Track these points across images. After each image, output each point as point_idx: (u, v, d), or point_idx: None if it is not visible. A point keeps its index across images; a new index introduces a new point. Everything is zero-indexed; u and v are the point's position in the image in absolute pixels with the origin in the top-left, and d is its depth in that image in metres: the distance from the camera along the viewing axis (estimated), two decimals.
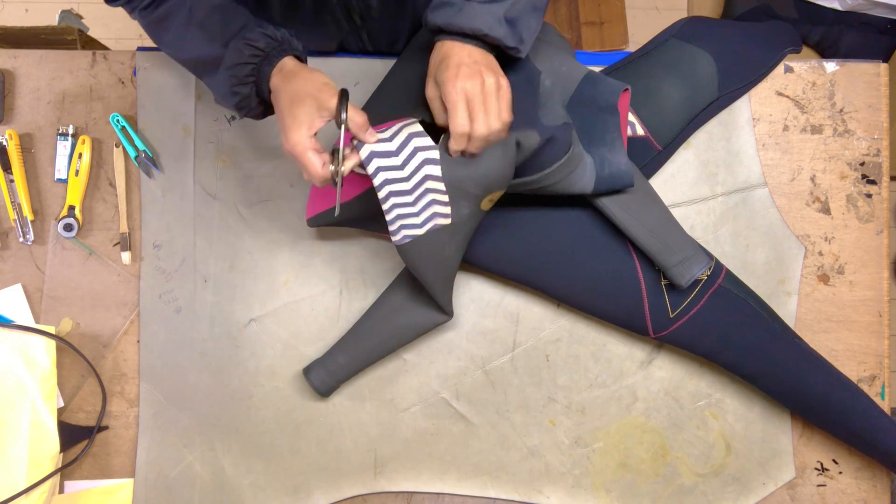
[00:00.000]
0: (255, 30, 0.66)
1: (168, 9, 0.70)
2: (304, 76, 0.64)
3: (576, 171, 0.75)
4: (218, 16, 0.68)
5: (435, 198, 0.69)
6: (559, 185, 0.76)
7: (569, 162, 0.73)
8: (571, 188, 0.76)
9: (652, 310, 0.81)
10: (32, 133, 0.90)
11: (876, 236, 0.90)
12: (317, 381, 0.83)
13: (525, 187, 0.76)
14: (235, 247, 0.89)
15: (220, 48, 0.67)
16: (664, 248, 0.79)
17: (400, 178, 0.67)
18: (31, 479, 0.83)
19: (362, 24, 0.84)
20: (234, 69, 0.66)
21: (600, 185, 0.76)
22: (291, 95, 0.63)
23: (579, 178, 0.75)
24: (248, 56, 0.66)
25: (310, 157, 0.62)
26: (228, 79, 0.67)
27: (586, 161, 0.75)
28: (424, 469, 0.89)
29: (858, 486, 0.89)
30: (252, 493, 0.88)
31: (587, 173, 0.75)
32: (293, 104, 0.63)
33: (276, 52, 0.66)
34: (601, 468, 0.89)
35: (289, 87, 0.64)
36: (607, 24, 1.39)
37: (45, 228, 0.89)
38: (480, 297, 0.90)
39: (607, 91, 0.75)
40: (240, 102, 0.69)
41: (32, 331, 0.85)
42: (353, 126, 0.64)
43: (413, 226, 0.70)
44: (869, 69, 0.91)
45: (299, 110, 0.62)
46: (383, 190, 0.66)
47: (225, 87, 0.68)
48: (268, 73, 0.66)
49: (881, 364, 0.89)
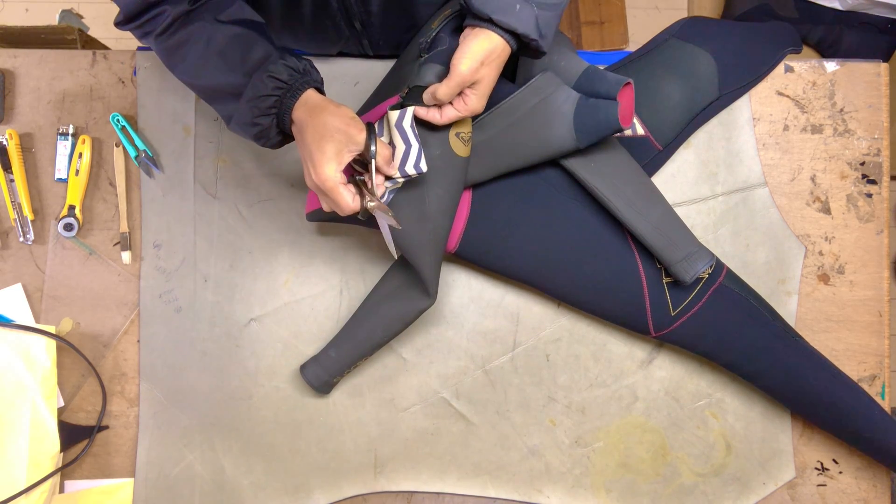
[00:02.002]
0: (278, 62, 0.66)
1: (185, 35, 0.69)
2: (331, 111, 0.64)
3: (553, 95, 0.73)
4: (239, 45, 0.68)
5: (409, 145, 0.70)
6: (535, 121, 0.74)
7: (542, 85, 0.72)
8: (552, 120, 0.74)
9: (653, 308, 0.81)
10: (33, 133, 0.90)
11: (876, 236, 0.90)
12: (311, 377, 0.84)
13: (500, 125, 0.74)
14: (235, 246, 0.89)
15: (240, 77, 0.67)
16: (669, 244, 0.79)
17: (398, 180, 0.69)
18: (31, 478, 0.83)
19: (363, 31, 0.84)
20: (257, 101, 0.66)
21: (583, 118, 0.73)
22: (319, 130, 0.63)
23: (558, 104, 0.73)
24: (271, 88, 0.66)
25: (342, 191, 0.63)
26: (250, 110, 0.67)
27: (568, 92, 0.73)
28: (424, 469, 0.89)
29: (859, 486, 0.89)
30: (252, 493, 0.88)
31: (568, 101, 0.73)
32: (322, 139, 0.63)
33: (298, 84, 0.66)
34: (601, 468, 0.89)
35: (316, 122, 0.64)
36: (607, 24, 1.39)
37: (45, 228, 0.89)
38: (480, 296, 0.90)
39: (606, 86, 0.74)
40: (259, 133, 0.69)
41: (33, 330, 0.85)
42: (381, 160, 0.65)
43: (394, 181, 0.70)
44: (869, 69, 0.91)
45: (328, 145, 0.63)
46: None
47: (246, 117, 0.68)
48: (291, 105, 0.66)
49: (881, 364, 0.89)
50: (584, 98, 0.73)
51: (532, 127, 0.75)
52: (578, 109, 0.73)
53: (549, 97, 0.73)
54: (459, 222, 0.82)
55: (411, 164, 0.68)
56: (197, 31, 0.68)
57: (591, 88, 0.75)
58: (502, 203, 0.82)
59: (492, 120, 0.74)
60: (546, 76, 0.73)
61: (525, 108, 0.73)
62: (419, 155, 0.68)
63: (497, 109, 0.74)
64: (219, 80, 0.68)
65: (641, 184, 0.80)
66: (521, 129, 0.75)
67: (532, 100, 0.73)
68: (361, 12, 0.80)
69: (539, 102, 0.73)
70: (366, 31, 0.84)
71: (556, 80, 0.74)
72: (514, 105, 0.73)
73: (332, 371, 0.84)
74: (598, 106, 0.72)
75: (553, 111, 0.73)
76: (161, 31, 0.69)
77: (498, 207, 0.82)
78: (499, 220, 0.82)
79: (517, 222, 0.82)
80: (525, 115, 0.74)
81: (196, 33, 0.68)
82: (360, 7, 0.79)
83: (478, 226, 0.82)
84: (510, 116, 0.74)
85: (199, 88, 0.72)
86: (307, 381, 0.84)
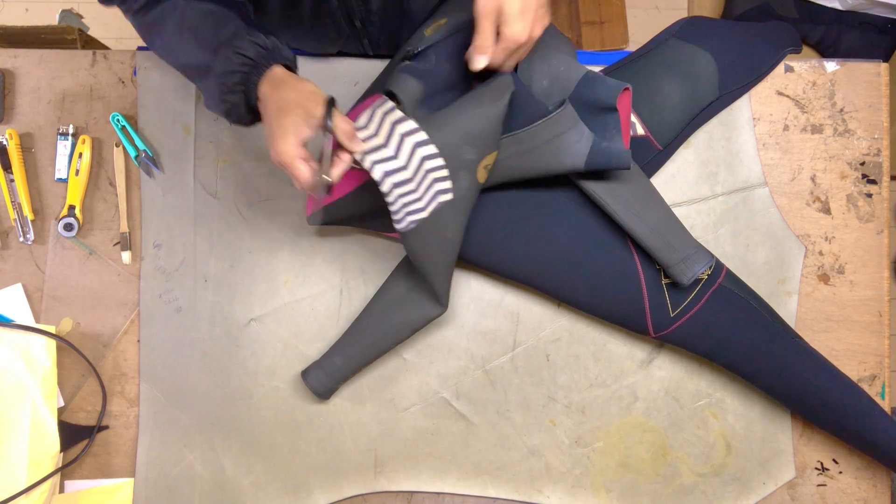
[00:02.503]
0: (244, 38, 0.66)
1: (161, 12, 0.69)
2: (291, 85, 0.64)
3: (569, 132, 0.73)
4: (210, 22, 0.68)
5: (435, 176, 0.69)
6: (549, 151, 0.74)
7: (560, 120, 0.72)
8: (563, 156, 0.74)
9: (652, 309, 0.81)
10: (33, 132, 0.90)
11: (876, 236, 0.90)
12: (315, 383, 0.83)
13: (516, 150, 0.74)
14: (236, 246, 0.89)
15: (210, 55, 0.67)
16: (666, 245, 0.79)
17: (399, 168, 0.67)
18: (31, 478, 0.83)
19: (363, 30, 0.84)
20: (223, 77, 0.66)
21: (595, 158, 0.74)
22: (279, 104, 0.64)
23: (572, 142, 0.73)
24: (237, 65, 0.66)
25: (298, 165, 0.63)
26: (218, 86, 0.67)
27: (582, 129, 0.73)
28: (424, 469, 0.89)
29: (859, 486, 0.89)
30: (252, 493, 0.88)
31: (582, 140, 0.73)
32: (280, 113, 0.63)
33: (265, 60, 0.66)
34: (601, 468, 0.89)
35: (276, 96, 0.64)
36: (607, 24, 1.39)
37: (45, 228, 0.89)
38: (480, 296, 0.90)
39: (605, 92, 0.74)
40: (229, 110, 0.69)
41: (33, 330, 0.85)
42: (340, 133, 0.64)
43: (417, 210, 0.70)
44: (869, 69, 0.91)
45: (286, 119, 0.63)
46: (386, 183, 0.67)
47: (215, 94, 0.68)
48: (256, 81, 0.66)
49: (881, 364, 0.89)
50: (597, 140, 0.73)
51: (544, 157, 0.75)
52: (592, 153, 0.73)
53: (565, 133, 0.73)
54: None
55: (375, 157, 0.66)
56: (171, 8, 0.69)
57: (591, 94, 0.75)
58: (501, 205, 0.82)
59: (506, 144, 0.74)
60: (566, 111, 0.73)
61: (541, 140, 0.73)
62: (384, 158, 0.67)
63: (513, 136, 0.73)
64: (191, 56, 0.69)
65: (639, 185, 0.80)
66: (533, 158, 0.75)
67: (549, 133, 0.73)
68: (361, 11, 0.80)
69: (555, 137, 0.73)
70: (366, 29, 0.84)
71: (574, 115, 0.73)
72: (531, 135, 0.73)
73: (337, 378, 0.84)
74: (610, 152, 0.73)
75: (567, 147, 0.74)
76: (139, 7, 0.70)
77: (496, 209, 0.82)
78: (498, 221, 0.82)
79: (516, 224, 0.82)
80: (539, 146, 0.74)
81: (170, 10, 0.69)
82: (360, 5, 0.79)
83: (476, 228, 0.82)
84: (525, 144, 0.74)
85: (177, 66, 0.73)
86: (310, 387, 0.83)
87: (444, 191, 0.70)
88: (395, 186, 0.68)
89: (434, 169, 0.68)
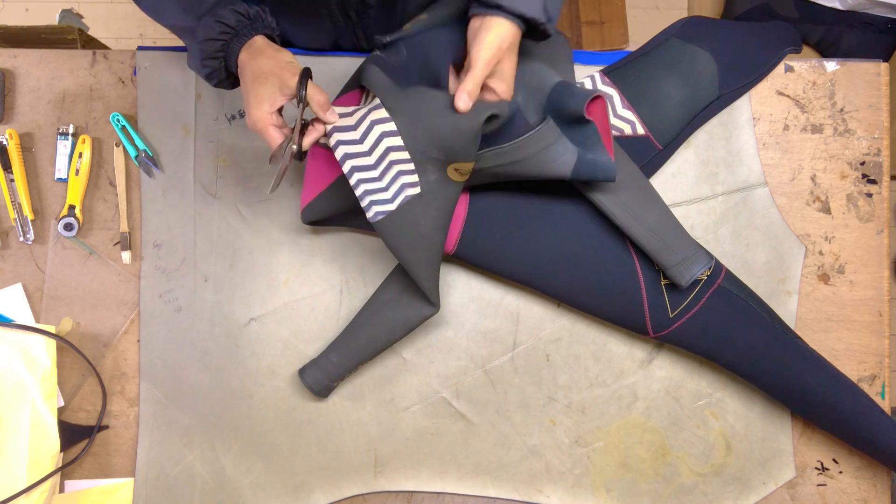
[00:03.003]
0: (226, 7, 0.68)
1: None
2: (269, 54, 0.66)
3: (554, 146, 0.72)
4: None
5: (400, 168, 0.69)
6: (534, 163, 0.73)
7: (543, 135, 0.72)
8: (548, 168, 0.73)
9: (652, 309, 0.81)
10: (33, 132, 0.90)
11: (876, 236, 0.90)
12: (311, 381, 0.83)
13: (500, 161, 0.73)
14: (235, 246, 0.89)
15: (194, 20, 0.69)
16: (664, 247, 0.79)
17: (361, 153, 0.69)
18: (31, 478, 0.83)
19: (357, 22, 0.84)
20: (204, 44, 0.68)
21: (580, 169, 0.73)
22: (255, 73, 0.66)
23: (557, 155, 0.73)
24: (217, 33, 0.67)
25: (270, 132, 0.66)
26: (199, 52, 0.69)
27: (567, 143, 0.73)
28: (424, 468, 0.89)
29: (859, 486, 0.89)
30: (252, 493, 0.88)
31: (567, 153, 0.73)
32: (256, 81, 0.66)
33: (246, 30, 0.68)
34: (601, 467, 0.89)
35: (253, 65, 0.66)
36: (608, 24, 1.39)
37: (45, 228, 0.89)
38: (480, 296, 0.90)
39: (573, 103, 0.73)
40: (209, 74, 0.71)
41: (33, 330, 0.85)
42: (314, 104, 0.67)
43: (384, 201, 0.70)
44: (869, 68, 0.91)
45: (262, 88, 0.65)
46: (346, 165, 0.69)
47: (196, 58, 0.70)
48: (237, 49, 0.68)
49: (881, 363, 0.89)
50: (582, 152, 0.73)
51: (532, 167, 0.74)
52: (578, 165, 0.73)
53: (550, 147, 0.73)
54: (457, 224, 0.82)
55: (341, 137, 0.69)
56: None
57: (562, 105, 0.74)
58: (500, 206, 0.82)
59: (493, 157, 0.73)
60: (549, 126, 0.72)
61: (526, 153, 0.73)
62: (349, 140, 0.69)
63: (501, 149, 0.73)
64: (175, 19, 0.71)
65: (638, 187, 0.80)
66: (520, 167, 0.74)
67: (534, 148, 0.73)
68: (357, 2, 0.81)
69: (540, 151, 0.73)
70: (360, 21, 0.84)
71: (557, 130, 0.73)
72: (515, 149, 0.72)
73: (332, 376, 0.84)
74: (595, 165, 0.73)
75: (553, 159, 0.73)
76: None
77: (495, 210, 0.82)
78: (496, 222, 0.82)
79: (515, 224, 0.82)
80: (526, 158, 0.73)
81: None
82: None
83: (475, 228, 0.82)
84: (510, 157, 0.73)
85: (163, 24, 0.75)
86: (307, 385, 0.84)
87: (411, 184, 0.70)
88: (355, 170, 0.69)
89: (400, 161, 0.69)
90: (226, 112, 0.89)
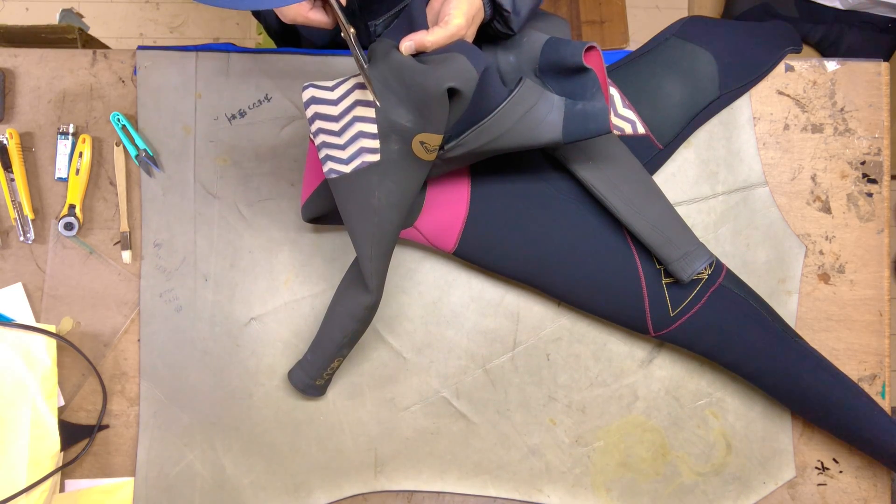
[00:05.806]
0: None
1: None
2: None
3: (537, 106, 0.70)
4: None
5: (362, 128, 0.69)
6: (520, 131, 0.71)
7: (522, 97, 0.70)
8: (537, 133, 0.71)
9: (652, 308, 0.81)
10: (33, 132, 0.90)
11: (876, 235, 0.90)
12: (296, 380, 0.83)
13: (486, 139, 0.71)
14: (236, 245, 0.89)
15: None
16: (666, 242, 0.79)
17: (328, 101, 0.70)
18: (31, 477, 0.83)
19: (359, 15, 0.85)
20: None
21: (571, 125, 0.70)
22: None
23: (542, 115, 0.70)
24: None
25: (311, 18, 0.68)
26: None
27: (551, 99, 0.71)
28: (425, 468, 0.89)
29: (859, 486, 0.89)
30: (252, 492, 0.88)
31: (553, 110, 0.70)
32: None
33: None
34: (601, 467, 0.89)
35: None
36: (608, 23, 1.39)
37: (45, 227, 0.89)
38: (480, 296, 0.90)
39: (569, 51, 0.72)
40: None
41: (33, 329, 0.85)
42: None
43: (339, 160, 0.70)
44: (870, 68, 0.91)
45: None
46: (310, 110, 0.70)
47: None
48: None
49: (882, 363, 0.89)
50: (570, 103, 0.70)
51: (520, 136, 0.72)
52: (567, 119, 0.70)
53: (532, 108, 0.70)
54: (458, 222, 0.82)
55: (315, 83, 0.70)
56: None
57: (558, 58, 0.73)
58: (501, 203, 0.82)
59: (476, 136, 0.71)
60: (527, 85, 0.70)
61: (510, 122, 0.70)
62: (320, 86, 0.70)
63: (482, 126, 0.70)
64: None
65: (640, 181, 0.80)
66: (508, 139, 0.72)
67: (516, 114, 0.70)
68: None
69: (524, 115, 0.70)
70: (362, 14, 0.85)
71: (538, 88, 0.71)
72: (498, 120, 0.70)
73: (311, 373, 0.83)
74: (586, 114, 0.70)
75: (539, 121, 0.70)
76: None
77: (496, 207, 0.82)
78: (497, 220, 0.82)
79: (516, 222, 0.82)
80: (511, 128, 0.71)
81: None
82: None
83: (476, 226, 0.82)
84: (495, 131, 0.71)
85: None
86: (292, 384, 0.84)
87: (370, 150, 0.69)
88: (318, 118, 0.69)
89: (363, 119, 0.69)
90: (226, 112, 0.89)
